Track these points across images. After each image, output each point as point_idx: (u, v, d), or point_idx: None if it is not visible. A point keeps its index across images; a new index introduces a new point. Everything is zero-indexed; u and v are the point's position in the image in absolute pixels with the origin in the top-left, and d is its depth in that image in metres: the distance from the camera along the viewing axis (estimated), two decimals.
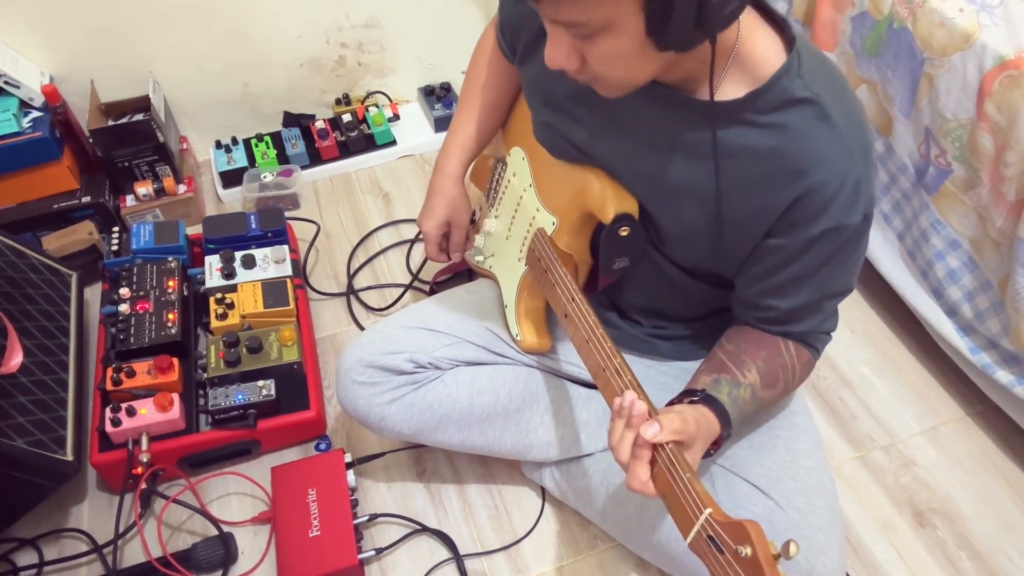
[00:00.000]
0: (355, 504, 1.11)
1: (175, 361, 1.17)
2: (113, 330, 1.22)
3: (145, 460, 1.10)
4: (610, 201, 0.88)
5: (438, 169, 1.13)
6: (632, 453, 0.74)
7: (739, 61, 0.76)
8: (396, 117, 1.82)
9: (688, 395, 0.83)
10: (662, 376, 1.07)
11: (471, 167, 1.17)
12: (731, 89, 0.77)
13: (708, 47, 0.71)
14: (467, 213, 1.14)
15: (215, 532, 1.11)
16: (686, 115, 0.80)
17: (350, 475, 1.12)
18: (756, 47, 0.76)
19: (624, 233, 0.89)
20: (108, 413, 1.11)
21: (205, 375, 1.18)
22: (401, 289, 1.48)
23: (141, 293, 1.26)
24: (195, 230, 1.44)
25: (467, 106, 1.12)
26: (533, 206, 1.03)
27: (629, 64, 0.71)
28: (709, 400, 0.82)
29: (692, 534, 0.68)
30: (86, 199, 1.48)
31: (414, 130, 1.82)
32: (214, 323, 1.24)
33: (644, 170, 0.86)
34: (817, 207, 0.78)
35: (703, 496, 0.68)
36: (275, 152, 1.70)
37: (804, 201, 0.78)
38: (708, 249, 0.87)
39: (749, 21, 0.76)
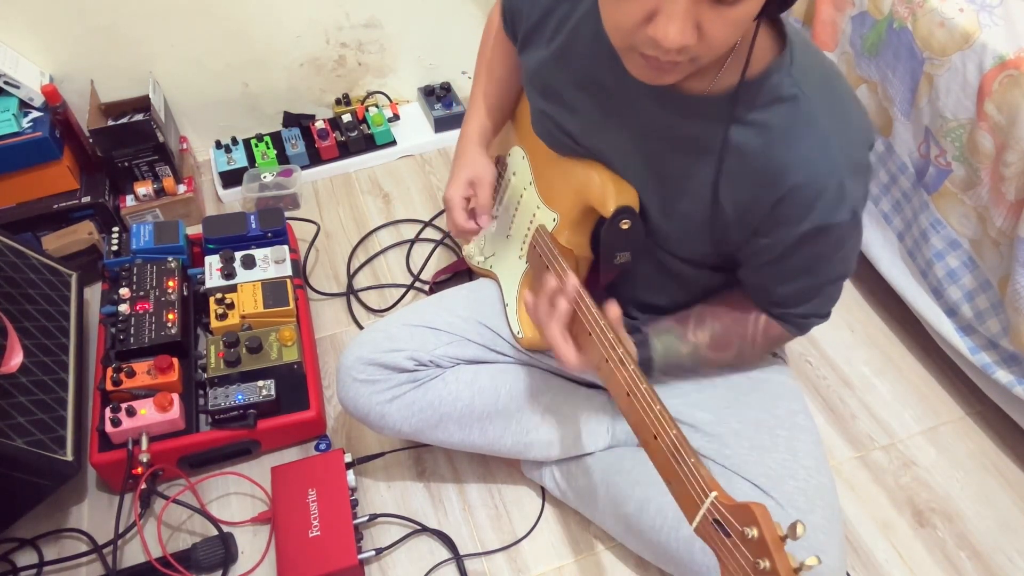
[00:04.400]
0: (355, 504, 1.11)
1: (175, 361, 1.17)
2: (113, 330, 1.22)
3: (145, 460, 1.10)
4: (610, 194, 0.89)
5: (459, 139, 1.13)
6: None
7: (739, 57, 0.76)
8: (396, 117, 1.82)
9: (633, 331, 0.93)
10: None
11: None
12: (725, 85, 0.77)
13: None
14: (489, 173, 1.09)
15: (215, 532, 1.11)
16: (686, 107, 0.80)
17: (350, 475, 1.12)
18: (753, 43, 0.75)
19: (625, 226, 0.89)
20: (108, 413, 1.11)
21: (205, 375, 1.18)
22: (402, 289, 1.48)
23: (141, 293, 1.26)
24: (195, 230, 1.44)
25: (481, 75, 1.13)
26: (533, 203, 1.03)
27: (743, 29, 0.68)
28: (643, 345, 0.93)
29: (698, 518, 0.68)
30: (86, 199, 1.48)
31: (414, 130, 1.82)
32: (214, 323, 1.24)
33: (640, 162, 0.87)
34: (801, 207, 0.78)
35: (708, 480, 0.68)
36: (275, 152, 1.70)
37: (786, 202, 0.78)
38: (704, 243, 0.88)
39: None
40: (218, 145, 1.72)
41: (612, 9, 0.68)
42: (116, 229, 1.38)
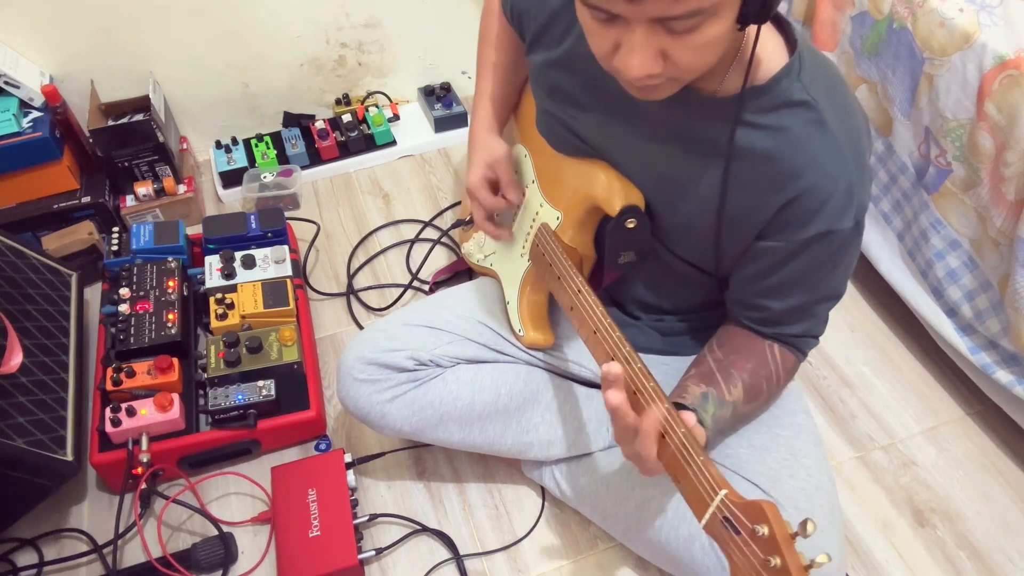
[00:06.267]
0: (355, 504, 1.11)
1: (175, 361, 1.17)
2: (113, 330, 1.22)
3: (145, 460, 1.10)
4: (617, 193, 0.89)
5: (470, 133, 1.12)
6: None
7: (743, 59, 0.76)
8: (396, 117, 1.82)
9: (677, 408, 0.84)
10: (660, 372, 1.07)
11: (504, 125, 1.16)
12: (732, 87, 0.77)
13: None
14: (505, 152, 1.07)
15: (215, 532, 1.11)
16: (693, 109, 0.80)
17: (350, 475, 1.12)
18: (759, 47, 0.75)
19: (631, 226, 0.89)
20: (108, 413, 1.11)
21: (205, 375, 1.18)
22: (401, 289, 1.48)
23: (141, 293, 1.25)
24: (195, 230, 1.44)
25: (484, 67, 1.12)
26: (537, 202, 1.03)
27: (718, 49, 0.67)
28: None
29: (707, 516, 0.69)
30: (86, 199, 1.48)
31: (414, 130, 1.82)
32: (214, 323, 1.24)
33: (648, 162, 0.87)
34: (809, 210, 0.78)
35: (717, 478, 0.69)
36: (275, 152, 1.70)
37: (796, 204, 0.79)
38: (706, 245, 0.88)
39: None
40: (218, 145, 1.72)
41: (589, 40, 0.71)
42: (116, 229, 1.38)
